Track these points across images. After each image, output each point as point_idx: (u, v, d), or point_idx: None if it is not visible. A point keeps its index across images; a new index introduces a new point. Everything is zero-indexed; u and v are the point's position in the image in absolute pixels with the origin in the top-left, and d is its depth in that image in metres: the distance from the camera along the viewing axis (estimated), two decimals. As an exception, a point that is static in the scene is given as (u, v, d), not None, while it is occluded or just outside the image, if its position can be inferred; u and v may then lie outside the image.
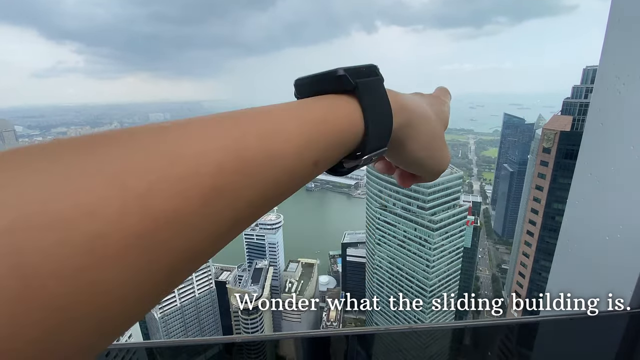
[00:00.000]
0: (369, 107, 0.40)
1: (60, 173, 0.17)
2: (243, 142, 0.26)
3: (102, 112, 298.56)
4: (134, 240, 0.18)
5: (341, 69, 0.40)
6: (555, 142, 40.80)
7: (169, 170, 0.20)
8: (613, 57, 1.29)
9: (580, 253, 1.51)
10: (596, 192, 1.38)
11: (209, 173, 0.22)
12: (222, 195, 0.23)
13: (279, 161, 0.29)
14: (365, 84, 0.40)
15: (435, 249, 55.29)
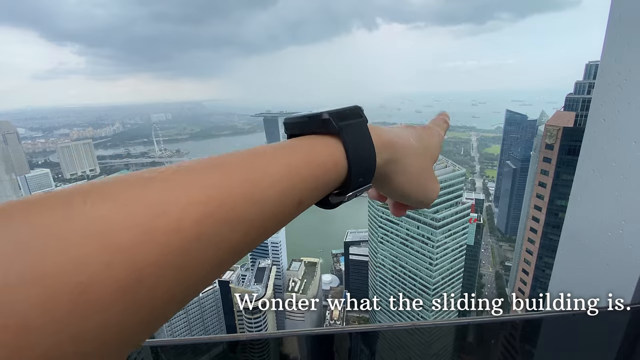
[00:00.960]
0: (352, 148, 0.43)
1: (47, 229, 0.18)
2: (227, 190, 0.27)
3: (103, 113, 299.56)
4: (118, 291, 0.18)
5: (326, 112, 0.44)
6: (558, 139, 40.52)
7: (153, 223, 0.21)
8: (614, 53, 1.28)
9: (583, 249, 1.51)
10: (598, 188, 1.38)
11: (193, 224, 0.23)
12: (206, 244, 0.24)
13: (262, 206, 0.30)
14: (348, 127, 0.44)
15: (438, 246, 55.17)
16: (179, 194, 0.24)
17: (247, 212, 0.28)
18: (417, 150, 0.55)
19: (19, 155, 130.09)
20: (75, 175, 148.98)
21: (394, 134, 0.52)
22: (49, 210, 0.19)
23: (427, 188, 0.57)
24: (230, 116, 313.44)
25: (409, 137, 0.54)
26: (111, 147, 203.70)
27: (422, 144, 0.56)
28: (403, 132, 0.55)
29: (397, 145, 0.51)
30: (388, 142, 0.49)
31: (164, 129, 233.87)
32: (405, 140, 0.53)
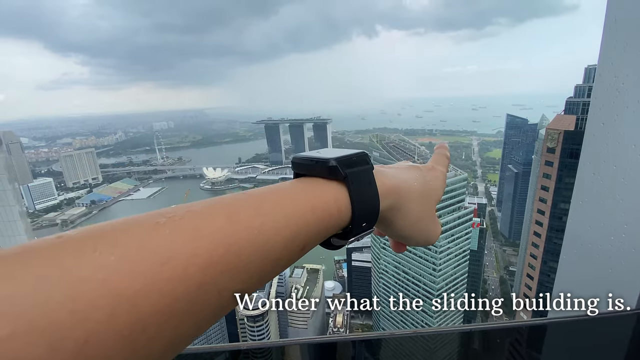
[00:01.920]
0: (357, 195, 0.45)
1: (57, 279, 0.18)
2: (233, 237, 0.28)
3: (106, 122, 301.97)
4: (122, 339, 0.19)
5: (333, 159, 0.45)
6: (559, 142, 40.45)
7: (159, 273, 0.22)
8: (611, 56, 1.29)
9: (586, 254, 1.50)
10: (600, 191, 1.38)
11: (198, 271, 0.24)
12: (209, 290, 0.25)
13: (267, 253, 0.31)
14: (354, 174, 0.46)
15: (442, 252, 54.77)
16: (186, 241, 0.25)
17: (250, 259, 0.29)
18: (421, 195, 0.56)
19: (22, 164, 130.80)
20: (78, 184, 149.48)
21: (399, 180, 0.53)
22: (60, 257, 0.19)
23: (428, 232, 0.58)
24: (232, 123, 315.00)
25: (413, 181, 0.56)
26: (114, 155, 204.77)
27: (426, 188, 0.58)
28: (407, 176, 0.56)
29: (401, 191, 0.52)
30: (392, 188, 0.51)
31: (166, 137, 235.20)
32: (409, 185, 0.54)
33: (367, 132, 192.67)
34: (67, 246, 0.20)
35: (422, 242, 0.58)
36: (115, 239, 0.22)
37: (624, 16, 1.22)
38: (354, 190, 0.44)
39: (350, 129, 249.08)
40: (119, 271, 0.21)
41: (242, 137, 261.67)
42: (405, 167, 0.60)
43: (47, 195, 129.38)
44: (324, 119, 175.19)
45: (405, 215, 0.53)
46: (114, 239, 0.22)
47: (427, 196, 0.57)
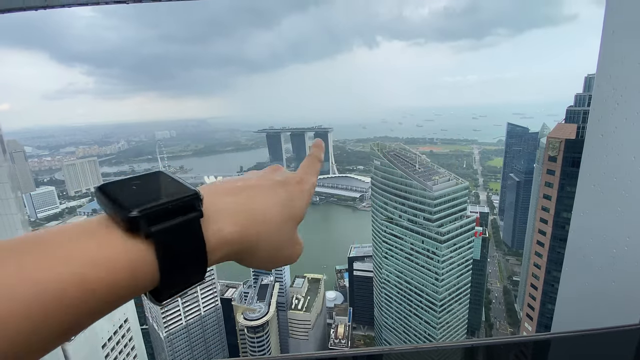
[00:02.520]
0: (167, 259, 0.36)
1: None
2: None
3: (109, 131, 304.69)
4: None
5: (136, 210, 0.35)
6: (560, 151, 40.43)
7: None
8: (609, 69, 1.30)
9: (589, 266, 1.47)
10: (600, 203, 1.39)
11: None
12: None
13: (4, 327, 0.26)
14: (166, 232, 0.36)
15: (444, 261, 54.20)
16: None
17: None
18: (281, 222, 0.50)
19: (25, 173, 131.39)
20: (80, 193, 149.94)
21: (248, 218, 0.46)
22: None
23: (290, 257, 0.55)
24: (233, 132, 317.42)
25: (272, 208, 0.50)
26: (116, 164, 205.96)
27: (289, 211, 0.52)
28: (264, 203, 0.49)
29: (245, 236, 0.45)
30: (232, 238, 0.43)
31: (168, 146, 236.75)
32: (265, 218, 0.48)
33: (368, 141, 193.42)
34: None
35: (281, 265, 0.55)
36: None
37: (621, 29, 1.24)
38: (162, 253, 0.36)
39: (352, 138, 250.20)
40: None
41: (244, 146, 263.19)
42: (267, 185, 0.53)
43: (49, 203, 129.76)
44: (325, 127, 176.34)
45: (257, 254, 0.48)
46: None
47: (288, 220, 0.52)
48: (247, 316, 60.54)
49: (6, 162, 12.33)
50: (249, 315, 60.63)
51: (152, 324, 62.54)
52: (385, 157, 62.83)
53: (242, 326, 60.20)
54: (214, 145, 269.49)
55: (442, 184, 55.10)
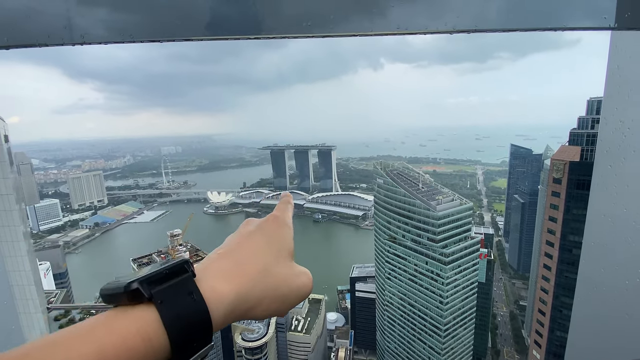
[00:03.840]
0: (171, 316, 0.39)
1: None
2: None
3: (116, 146, 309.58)
4: None
5: (136, 281, 0.40)
6: (565, 173, 40.25)
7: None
8: (615, 101, 1.31)
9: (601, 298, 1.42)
10: (611, 234, 1.38)
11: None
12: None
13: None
14: (164, 292, 0.40)
15: (448, 283, 52.94)
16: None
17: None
18: (268, 267, 0.52)
19: (31, 185, 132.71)
20: (83, 206, 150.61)
21: (238, 270, 0.49)
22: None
23: (299, 293, 0.55)
24: (238, 149, 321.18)
25: (255, 255, 0.52)
26: (121, 178, 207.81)
27: (273, 251, 0.55)
28: (247, 255, 0.52)
29: (241, 290, 0.48)
30: (227, 294, 0.46)
31: (173, 161, 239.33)
32: (251, 270, 0.50)
33: (371, 159, 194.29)
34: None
35: (294, 305, 0.56)
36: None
37: (626, 64, 1.26)
38: (165, 311, 0.39)
39: (355, 156, 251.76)
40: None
41: (248, 162, 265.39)
42: (246, 238, 0.56)
43: (53, 216, 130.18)
44: (328, 145, 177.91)
45: (262, 301, 0.49)
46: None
47: (278, 257, 0.54)
48: (246, 337, 58.91)
49: (12, 174, 12.44)
50: (248, 335, 59.00)
51: (147, 342, 60.93)
52: (389, 176, 62.85)
53: (240, 347, 58.45)
54: (218, 161, 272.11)
55: (446, 204, 54.70)
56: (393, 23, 1.06)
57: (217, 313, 0.44)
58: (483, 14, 1.05)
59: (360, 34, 1.10)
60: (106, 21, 1.14)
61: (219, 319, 0.44)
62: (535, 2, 1.05)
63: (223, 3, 1.11)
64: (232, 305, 0.46)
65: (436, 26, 1.06)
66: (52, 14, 1.11)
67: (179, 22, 1.10)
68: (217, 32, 1.12)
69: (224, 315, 0.45)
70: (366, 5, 1.06)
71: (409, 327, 58.46)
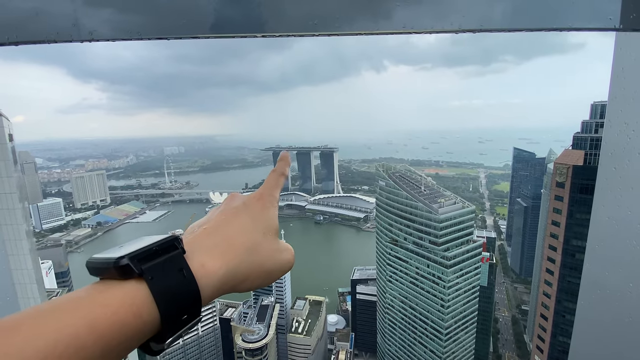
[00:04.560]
0: (161, 291, 0.41)
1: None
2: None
3: (119, 146, 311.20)
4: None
5: (127, 257, 0.41)
6: (568, 177, 40.03)
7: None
8: (620, 104, 1.31)
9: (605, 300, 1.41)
10: (615, 236, 1.38)
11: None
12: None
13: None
14: (154, 268, 0.42)
15: (450, 287, 52.66)
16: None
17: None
18: (253, 244, 0.54)
19: (34, 184, 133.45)
20: (86, 205, 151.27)
21: (224, 246, 0.51)
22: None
23: (282, 267, 0.57)
24: (240, 150, 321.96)
25: (242, 232, 0.54)
26: (123, 178, 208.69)
27: (258, 228, 0.57)
28: (234, 231, 0.54)
29: (229, 265, 0.50)
30: (216, 270, 0.48)
31: (176, 161, 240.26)
32: (238, 246, 0.52)
33: (373, 162, 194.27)
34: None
35: (278, 276, 0.59)
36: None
37: (631, 65, 1.27)
38: (155, 287, 0.41)
39: (357, 158, 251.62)
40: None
41: (250, 164, 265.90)
42: (231, 214, 0.58)
43: (55, 215, 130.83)
44: (331, 147, 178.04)
45: (249, 276, 0.52)
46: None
47: (263, 235, 0.56)
48: (246, 338, 58.81)
49: (16, 172, 12.68)
50: (248, 337, 58.91)
51: (148, 342, 60.97)
52: (391, 178, 62.74)
53: (240, 348, 58.34)
54: (220, 162, 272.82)
55: (448, 207, 54.51)
56: (399, 22, 1.08)
57: (207, 288, 0.46)
58: (488, 13, 1.06)
59: (366, 33, 1.11)
60: (114, 18, 1.16)
61: (208, 294, 0.47)
62: (540, 3, 1.06)
63: (230, 1, 1.12)
64: (220, 281, 0.48)
65: (442, 25, 1.07)
66: (61, 11, 1.12)
67: (186, 20, 1.11)
68: (223, 30, 1.13)
69: (212, 290, 0.47)
70: (372, 4, 1.08)
71: (410, 330, 58.17)
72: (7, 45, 1.15)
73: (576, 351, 1.54)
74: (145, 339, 0.41)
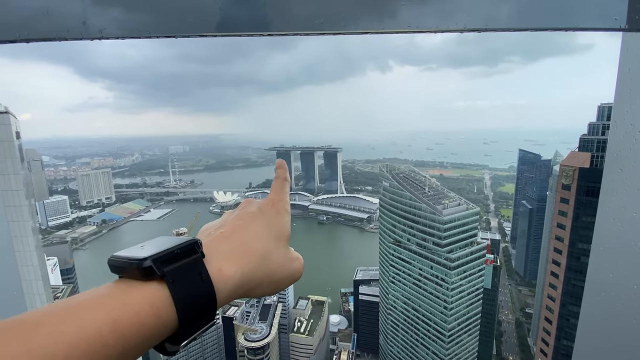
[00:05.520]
0: (181, 294, 0.42)
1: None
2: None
3: (125, 144, 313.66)
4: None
5: (150, 259, 0.43)
6: (574, 179, 39.62)
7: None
8: (626, 105, 1.30)
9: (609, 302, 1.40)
10: (620, 238, 1.38)
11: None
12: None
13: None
14: (175, 271, 0.43)
15: (453, 289, 52.39)
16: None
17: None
18: (268, 251, 0.55)
19: (41, 182, 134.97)
20: (92, 203, 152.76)
21: (240, 251, 0.52)
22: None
23: (292, 276, 0.59)
24: (245, 149, 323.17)
25: (257, 238, 0.55)
26: (129, 176, 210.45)
27: (272, 236, 0.58)
28: (250, 237, 0.55)
29: (244, 271, 0.51)
30: (232, 275, 0.49)
31: (180, 160, 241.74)
32: (253, 252, 0.53)
33: (377, 162, 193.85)
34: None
35: (287, 285, 0.60)
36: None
37: (637, 66, 1.27)
38: (175, 290, 0.42)
39: (361, 158, 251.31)
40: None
41: (254, 163, 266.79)
42: (248, 220, 0.59)
43: (61, 212, 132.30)
44: (334, 147, 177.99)
45: (261, 283, 0.53)
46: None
47: (276, 242, 0.57)
48: (248, 337, 59.01)
49: (23, 170, 12.83)
50: (250, 336, 59.09)
51: (151, 339, 61.46)
52: (394, 179, 62.57)
53: (242, 347, 58.55)
54: (225, 162, 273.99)
55: (453, 209, 54.23)
56: (404, 21, 1.08)
57: (222, 292, 0.47)
58: (494, 13, 1.07)
59: (372, 32, 1.11)
60: (123, 16, 1.17)
61: (223, 297, 0.48)
62: (546, 2, 1.06)
63: (238, 0, 1.15)
64: (235, 285, 0.50)
65: (447, 25, 1.07)
66: (71, 9, 1.15)
67: (194, 18, 1.13)
68: (231, 29, 1.14)
69: (227, 294, 0.49)
70: (378, 3, 1.08)
71: (413, 331, 57.96)
72: (19, 42, 1.16)
73: (580, 354, 1.52)
74: (162, 340, 0.43)
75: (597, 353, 1.50)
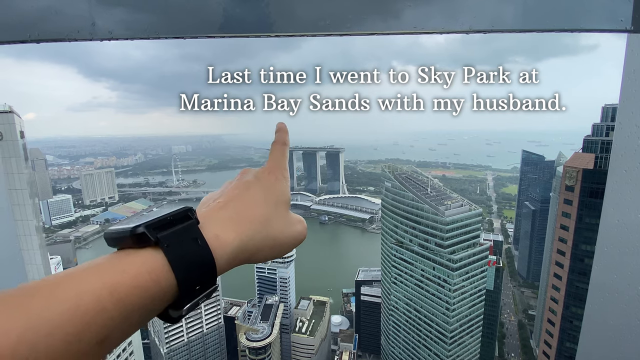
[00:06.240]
0: (178, 259, 0.42)
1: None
2: (4, 340, 0.28)
3: (128, 144, 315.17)
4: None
5: (142, 225, 0.43)
6: (578, 180, 39.39)
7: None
8: (631, 105, 1.29)
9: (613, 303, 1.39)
10: (625, 239, 1.37)
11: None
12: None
13: (45, 356, 0.30)
14: (170, 236, 0.43)
15: (456, 290, 52.21)
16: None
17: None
18: (266, 216, 0.55)
19: (45, 181, 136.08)
20: (95, 202, 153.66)
21: (238, 222, 0.51)
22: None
23: (291, 237, 0.58)
24: (247, 149, 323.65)
25: (255, 205, 0.55)
26: (132, 175, 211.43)
27: (270, 201, 0.57)
28: (247, 204, 0.55)
29: (242, 237, 0.50)
30: (230, 241, 0.49)
31: (183, 160, 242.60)
32: (251, 219, 0.53)
33: (379, 162, 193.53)
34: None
35: (289, 250, 0.60)
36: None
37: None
38: (172, 254, 0.42)
39: (363, 159, 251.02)
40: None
41: (256, 163, 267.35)
42: (244, 188, 0.59)
43: (65, 211, 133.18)
44: (336, 147, 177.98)
45: (263, 248, 0.52)
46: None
47: (275, 207, 0.56)
48: (250, 336, 59.11)
49: (27, 169, 12.96)
50: (252, 335, 59.19)
51: (153, 338, 61.68)
52: (397, 179, 62.45)
53: (244, 347, 58.66)
54: (227, 161, 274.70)
55: (455, 209, 54.04)
56: (409, 23, 1.09)
57: (221, 259, 0.47)
58: (499, 14, 1.07)
59: (377, 33, 1.12)
60: (132, 18, 1.19)
61: (223, 264, 0.47)
62: (551, 4, 1.05)
63: (244, 2, 1.15)
64: (234, 252, 0.49)
65: (452, 26, 1.08)
66: (81, 10, 1.16)
67: (201, 20, 1.14)
68: (237, 30, 1.15)
69: (227, 260, 0.48)
70: (383, 4, 1.09)
71: (414, 332, 57.80)
72: (29, 42, 1.18)
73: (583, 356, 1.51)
74: (164, 306, 0.42)
75: (600, 356, 1.49)
